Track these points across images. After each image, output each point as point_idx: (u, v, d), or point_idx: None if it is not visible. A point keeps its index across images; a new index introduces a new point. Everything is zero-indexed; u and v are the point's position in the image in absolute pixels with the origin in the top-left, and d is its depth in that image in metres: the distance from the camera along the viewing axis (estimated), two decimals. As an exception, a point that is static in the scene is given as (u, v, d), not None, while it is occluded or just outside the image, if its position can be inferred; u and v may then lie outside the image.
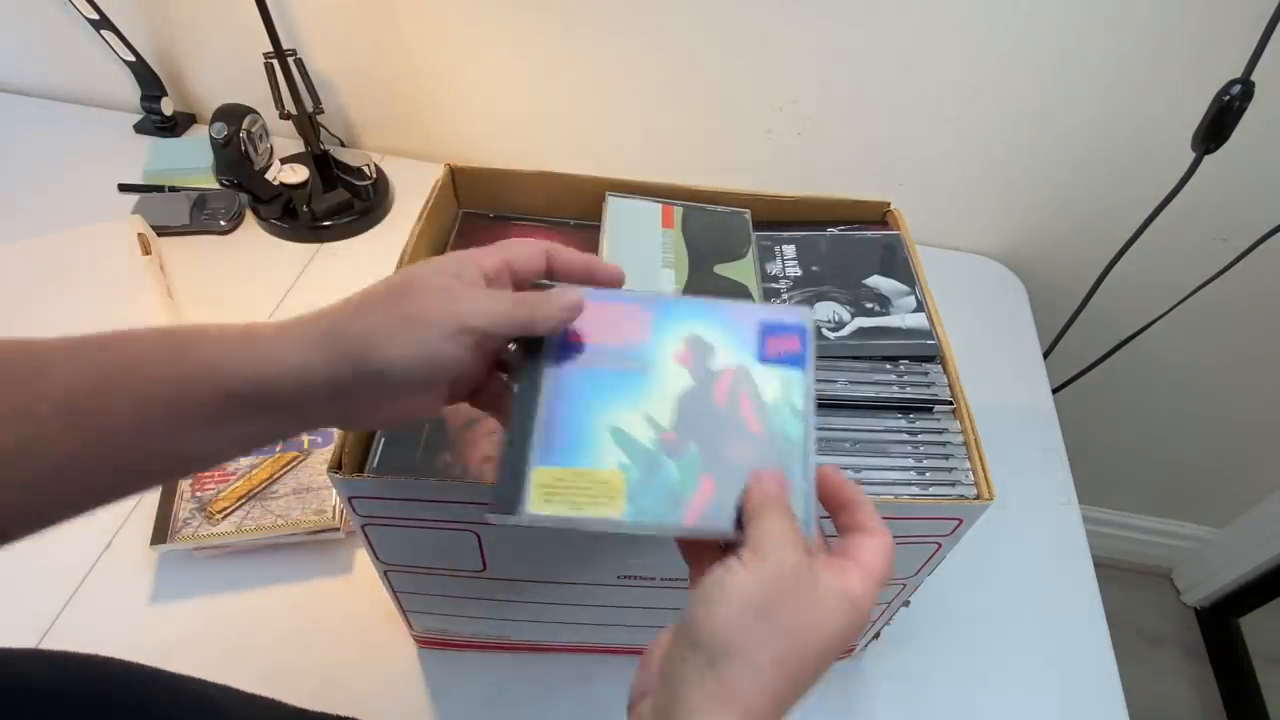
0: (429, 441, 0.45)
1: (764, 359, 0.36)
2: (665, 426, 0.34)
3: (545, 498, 0.33)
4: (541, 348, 0.36)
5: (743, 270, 0.53)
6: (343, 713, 0.56)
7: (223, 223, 0.90)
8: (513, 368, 0.37)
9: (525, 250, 0.35)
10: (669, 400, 0.35)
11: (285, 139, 0.98)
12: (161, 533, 0.61)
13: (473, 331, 0.31)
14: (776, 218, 0.59)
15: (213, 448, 0.31)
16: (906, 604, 0.54)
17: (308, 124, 0.90)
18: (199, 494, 0.63)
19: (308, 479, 0.65)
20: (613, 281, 0.37)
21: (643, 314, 0.37)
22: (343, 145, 1.02)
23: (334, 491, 0.64)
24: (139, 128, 1.02)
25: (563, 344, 0.36)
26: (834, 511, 0.34)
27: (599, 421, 0.34)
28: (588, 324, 0.36)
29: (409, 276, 0.33)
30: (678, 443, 0.34)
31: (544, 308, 0.34)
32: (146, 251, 0.83)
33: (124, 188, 0.94)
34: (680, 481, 0.33)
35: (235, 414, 0.30)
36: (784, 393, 0.35)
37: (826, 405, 0.47)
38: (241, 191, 0.90)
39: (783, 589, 0.29)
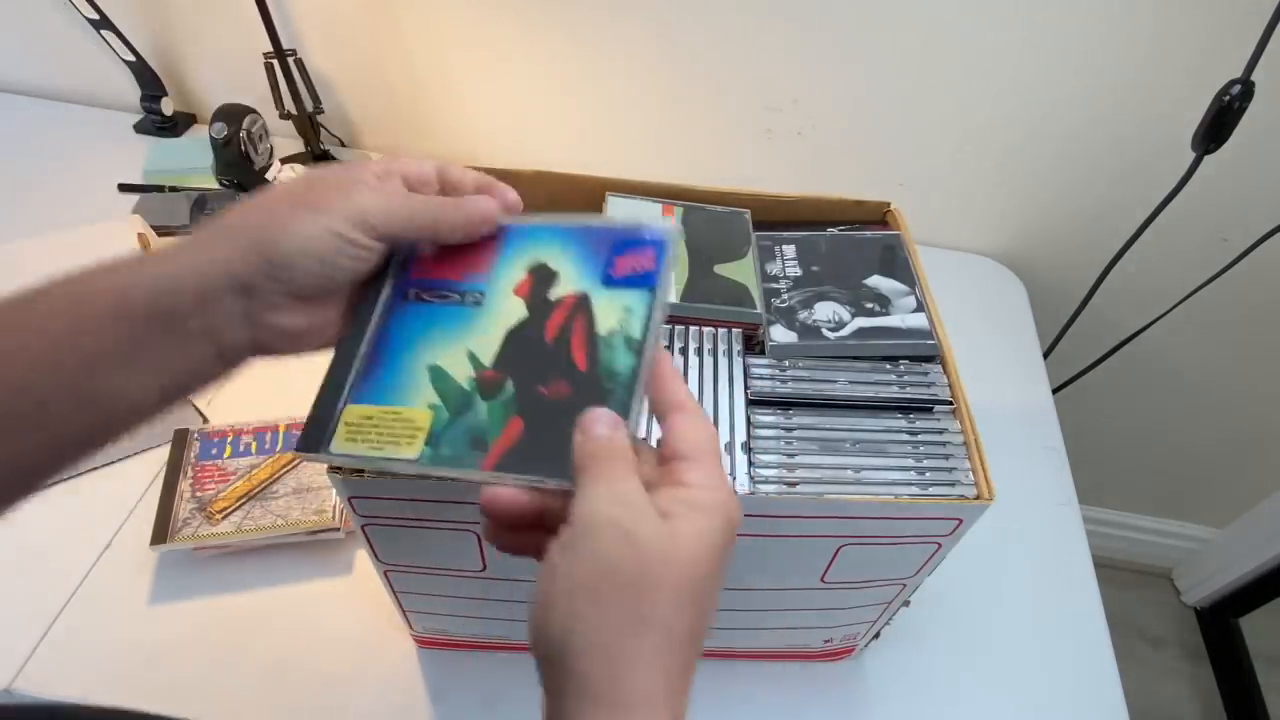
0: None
1: (611, 281, 0.32)
2: (486, 364, 0.32)
3: (350, 436, 0.31)
4: (381, 282, 0.34)
5: (743, 270, 0.53)
6: (331, 713, 0.56)
7: (223, 223, 0.90)
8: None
9: (416, 165, 0.34)
10: (497, 335, 0.32)
11: (285, 139, 0.98)
12: (161, 533, 0.61)
13: (372, 228, 0.31)
14: (776, 218, 0.59)
15: (133, 386, 0.29)
16: (906, 604, 0.54)
17: (308, 124, 0.90)
18: (199, 494, 0.63)
19: (308, 479, 0.65)
20: (510, 205, 0.35)
21: (492, 244, 0.35)
22: (343, 145, 1.02)
23: (334, 491, 0.64)
24: (139, 128, 1.02)
25: (401, 278, 0.35)
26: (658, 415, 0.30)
27: (420, 359, 0.32)
28: (431, 256, 0.35)
29: (307, 176, 0.32)
30: (498, 381, 0.31)
31: (451, 215, 0.33)
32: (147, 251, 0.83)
33: (124, 188, 0.94)
34: (488, 424, 0.30)
35: (141, 338, 0.28)
36: (623, 321, 0.31)
37: (826, 405, 0.47)
38: (242, 191, 0.90)
39: (608, 563, 0.25)
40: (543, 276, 0.33)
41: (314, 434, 0.32)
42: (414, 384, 0.32)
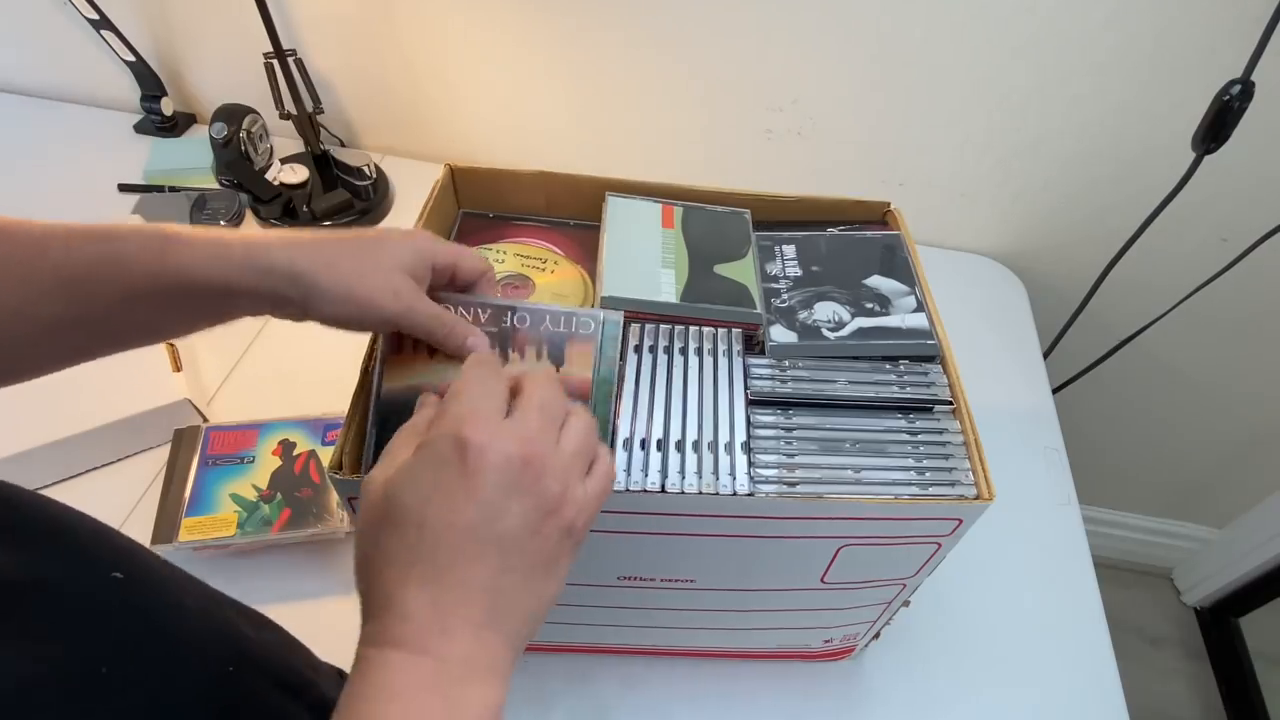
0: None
1: (325, 443, 0.67)
2: (263, 488, 0.64)
3: (189, 531, 0.61)
4: (195, 449, 0.66)
5: (743, 270, 0.53)
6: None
7: (223, 223, 0.90)
8: (169, 465, 0.65)
9: (472, 265, 0.43)
10: (266, 474, 0.65)
11: (285, 139, 0.98)
12: (162, 533, 0.61)
13: (399, 325, 0.39)
14: (776, 218, 0.59)
15: (180, 324, 0.39)
16: (906, 604, 0.54)
17: (308, 124, 0.90)
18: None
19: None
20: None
21: (255, 431, 0.67)
22: (343, 145, 1.02)
23: (334, 491, 0.64)
24: (139, 128, 1.02)
25: (203, 453, 0.66)
26: None
27: (224, 491, 0.63)
28: (217, 439, 0.67)
29: (375, 250, 0.39)
30: (271, 494, 0.64)
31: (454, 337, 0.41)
32: (146, 251, 0.83)
33: (124, 188, 0.94)
34: (270, 514, 0.63)
35: (200, 305, 0.37)
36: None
37: (826, 405, 0.47)
38: (241, 191, 0.90)
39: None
40: (287, 445, 0.67)
41: (165, 532, 0.61)
42: (223, 503, 0.63)
